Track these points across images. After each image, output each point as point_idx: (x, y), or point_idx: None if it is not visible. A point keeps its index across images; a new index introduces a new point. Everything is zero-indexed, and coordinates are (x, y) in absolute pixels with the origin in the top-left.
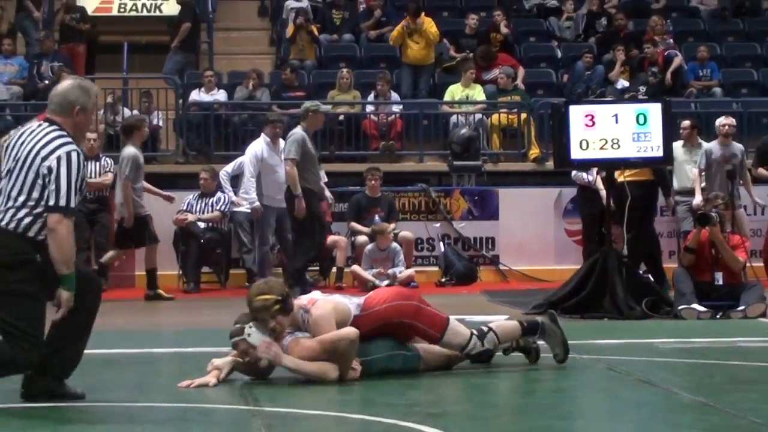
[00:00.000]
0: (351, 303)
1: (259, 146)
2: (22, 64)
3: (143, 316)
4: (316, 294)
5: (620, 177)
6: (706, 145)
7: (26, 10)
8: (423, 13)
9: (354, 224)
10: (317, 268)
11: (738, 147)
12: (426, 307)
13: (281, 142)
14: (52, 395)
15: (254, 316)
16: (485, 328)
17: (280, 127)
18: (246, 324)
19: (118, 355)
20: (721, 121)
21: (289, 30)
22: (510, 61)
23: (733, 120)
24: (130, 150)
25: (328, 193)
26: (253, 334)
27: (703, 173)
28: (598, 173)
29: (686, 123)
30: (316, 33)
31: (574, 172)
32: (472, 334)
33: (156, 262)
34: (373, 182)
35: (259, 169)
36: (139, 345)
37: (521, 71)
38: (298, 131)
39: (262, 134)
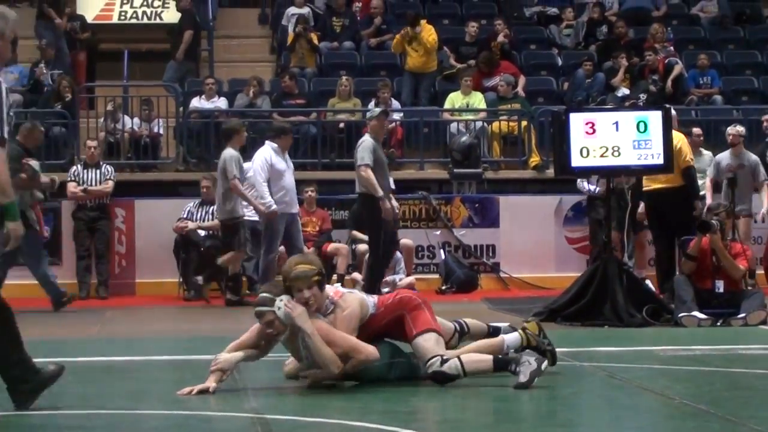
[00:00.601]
0: (369, 300)
1: (266, 152)
2: (22, 71)
3: (144, 324)
4: (338, 287)
5: (653, 185)
6: (718, 155)
7: (45, 18)
8: (422, 21)
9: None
10: None
11: (747, 156)
12: (428, 311)
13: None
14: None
15: (291, 285)
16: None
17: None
18: (277, 297)
19: (119, 363)
20: (728, 130)
21: (289, 38)
22: (511, 68)
23: (740, 129)
24: (231, 152)
25: (394, 202)
26: (284, 308)
27: (718, 183)
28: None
29: (697, 131)
30: (315, 41)
31: (578, 181)
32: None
33: (239, 267)
34: None
35: (268, 175)
36: (139, 353)
37: (522, 79)
38: (367, 138)
39: (267, 142)
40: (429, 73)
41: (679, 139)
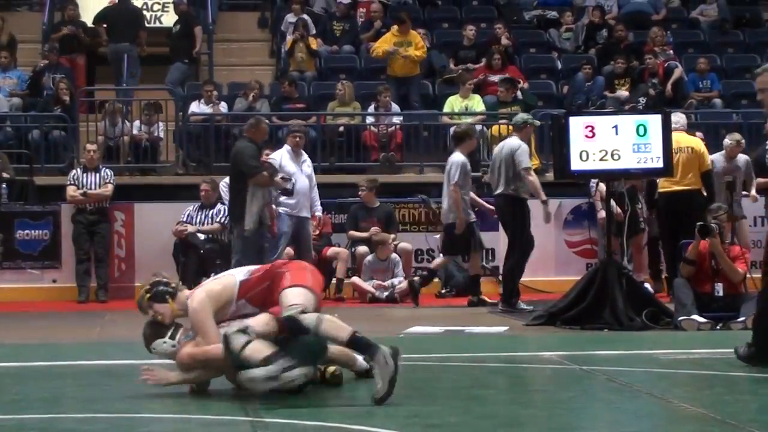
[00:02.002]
0: (236, 277)
1: (279, 154)
2: (21, 76)
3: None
4: (206, 282)
5: (672, 186)
6: (710, 157)
7: None
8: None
9: (352, 232)
10: None
11: (742, 158)
12: (306, 272)
13: (303, 152)
14: None
15: (142, 313)
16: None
17: (301, 137)
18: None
19: (118, 366)
20: (726, 142)
21: (288, 43)
22: (516, 73)
23: (739, 138)
24: (459, 157)
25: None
26: (157, 348)
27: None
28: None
29: (700, 135)
30: (314, 47)
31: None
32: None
33: (479, 268)
34: (364, 191)
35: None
36: (139, 356)
37: (524, 85)
38: (523, 144)
39: (285, 144)
40: (415, 77)
41: (698, 142)
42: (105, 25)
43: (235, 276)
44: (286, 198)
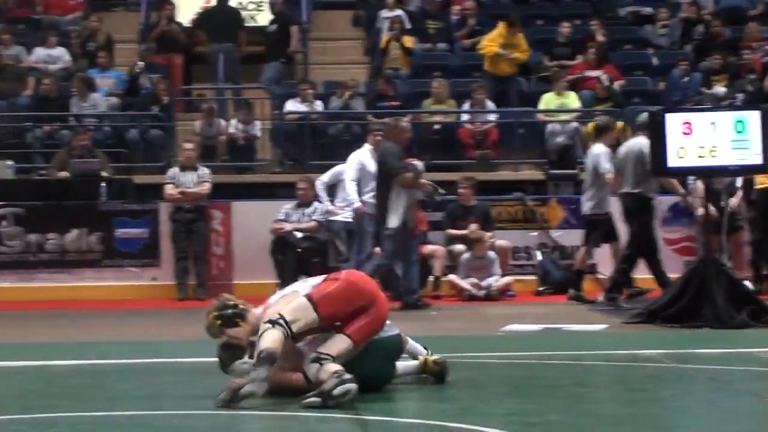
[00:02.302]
0: (303, 287)
1: (361, 153)
2: (119, 76)
3: None
4: (272, 298)
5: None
6: None
7: None
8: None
9: (450, 230)
10: None
11: None
12: (335, 287)
13: None
14: None
15: (213, 338)
16: (323, 361)
17: (382, 136)
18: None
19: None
20: None
21: (383, 41)
22: (611, 70)
23: None
24: (601, 148)
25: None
26: (237, 369)
27: None
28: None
29: None
30: (409, 45)
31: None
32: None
33: (585, 263)
34: (463, 190)
35: (360, 176)
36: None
37: (621, 82)
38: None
39: (366, 143)
40: (513, 75)
41: None
42: (199, 27)
43: (300, 293)
44: (369, 197)
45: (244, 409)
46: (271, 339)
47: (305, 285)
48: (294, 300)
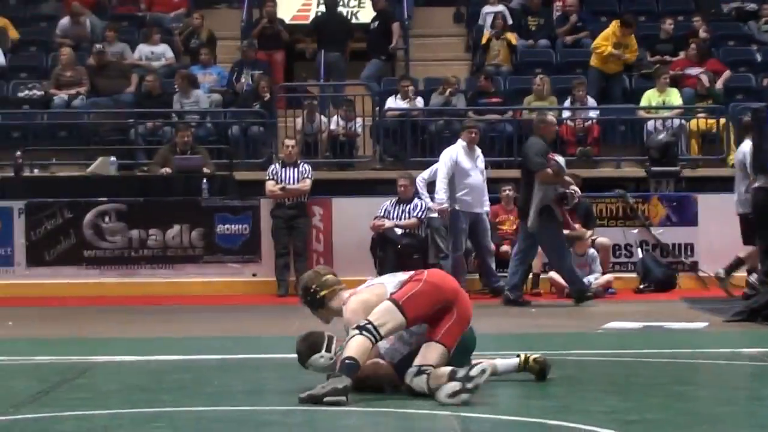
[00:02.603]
0: (390, 283)
1: (454, 150)
2: (221, 72)
3: (341, 321)
4: (360, 286)
5: None
6: None
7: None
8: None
9: None
10: None
11: None
12: (420, 287)
13: (477, 148)
14: None
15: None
16: (428, 371)
17: (476, 133)
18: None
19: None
20: None
21: (484, 36)
22: (716, 65)
23: None
24: (749, 144)
25: None
26: (314, 363)
27: None
28: None
29: None
30: (513, 41)
31: None
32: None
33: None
34: None
35: (453, 172)
36: None
37: (726, 73)
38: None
39: (459, 139)
40: (618, 72)
41: None
42: (308, 35)
43: (386, 287)
44: (462, 194)
45: (346, 405)
46: (357, 347)
47: (393, 280)
48: (381, 302)
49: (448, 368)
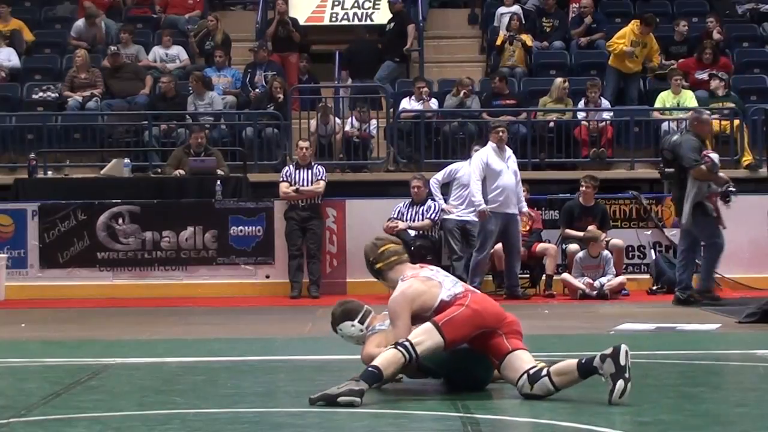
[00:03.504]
0: (444, 292)
1: (485, 152)
2: (235, 74)
3: None
4: (425, 270)
5: None
6: None
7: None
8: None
9: (568, 230)
10: (527, 275)
11: None
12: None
13: (508, 149)
14: None
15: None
16: (543, 372)
17: (504, 132)
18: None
19: (331, 362)
20: None
21: (499, 38)
22: (728, 66)
23: None
24: None
25: None
26: (344, 330)
27: None
28: None
29: None
30: (528, 43)
31: None
32: (525, 372)
33: None
34: (587, 189)
35: (484, 174)
36: (351, 352)
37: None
38: None
39: (489, 141)
40: (636, 73)
41: None
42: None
43: (441, 293)
44: (493, 195)
45: (359, 407)
46: (388, 359)
47: (448, 284)
48: (432, 300)
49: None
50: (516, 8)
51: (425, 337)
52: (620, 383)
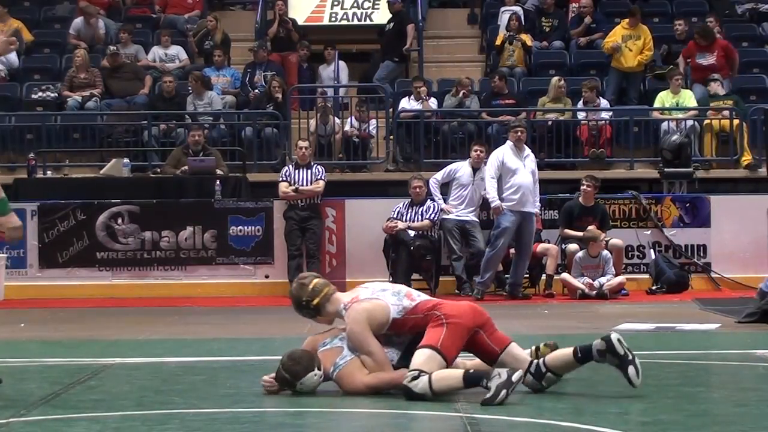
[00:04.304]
0: (394, 305)
1: (501, 151)
2: (235, 74)
3: None
4: (360, 290)
5: None
6: None
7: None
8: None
9: (567, 230)
10: (527, 275)
11: None
12: (448, 330)
13: (527, 148)
14: None
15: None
16: (543, 369)
17: (522, 132)
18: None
19: None
20: None
21: (499, 38)
22: (727, 47)
23: None
24: None
25: None
26: (306, 383)
27: None
28: None
29: None
30: (528, 42)
31: None
32: (527, 372)
33: None
34: (588, 189)
35: (500, 172)
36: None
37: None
38: None
39: (508, 140)
40: (638, 73)
41: None
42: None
43: (390, 311)
44: (508, 193)
45: (358, 406)
46: (447, 373)
47: (394, 300)
48: (386, 319)
49: (459, 372)
50: (516, 7)
51: (432, 364)
52: (631, 369)
